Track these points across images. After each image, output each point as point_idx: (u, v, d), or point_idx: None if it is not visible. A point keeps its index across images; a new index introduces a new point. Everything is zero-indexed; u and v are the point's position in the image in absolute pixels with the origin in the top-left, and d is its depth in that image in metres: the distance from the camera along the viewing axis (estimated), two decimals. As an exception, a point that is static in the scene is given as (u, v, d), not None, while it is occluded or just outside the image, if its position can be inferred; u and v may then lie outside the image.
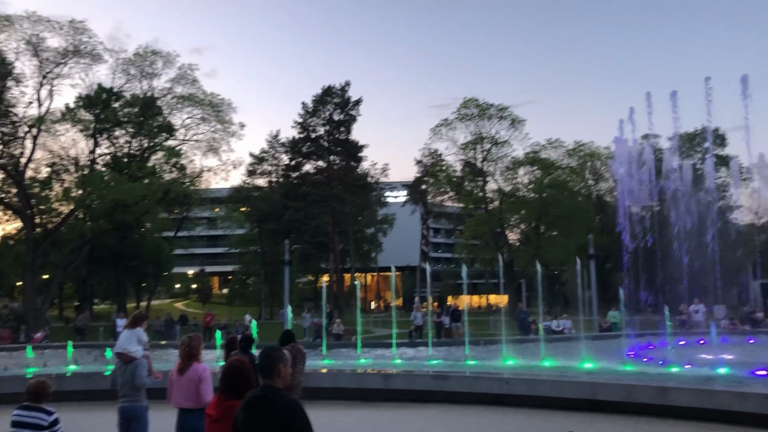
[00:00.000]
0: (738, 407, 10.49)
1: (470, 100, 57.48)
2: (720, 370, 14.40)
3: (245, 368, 4.93)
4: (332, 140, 62.85)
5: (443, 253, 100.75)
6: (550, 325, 29.30)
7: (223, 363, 8.01)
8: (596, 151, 73.76)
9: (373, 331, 39.09)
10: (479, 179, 59.63)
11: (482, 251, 64.13)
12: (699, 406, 10.84)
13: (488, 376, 14.09)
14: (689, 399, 11.00)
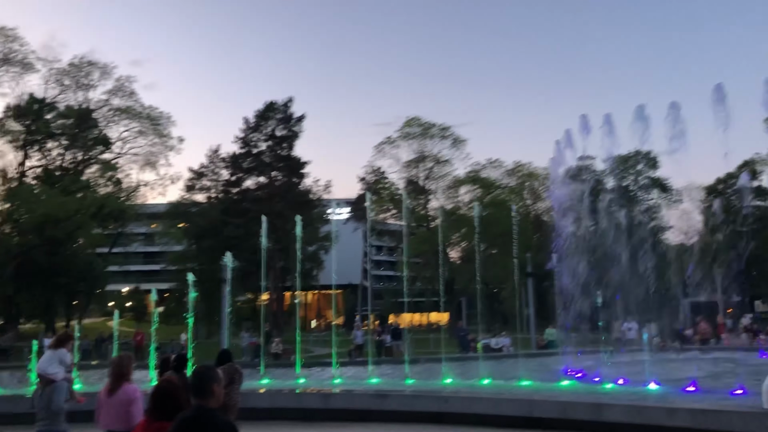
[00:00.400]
0: (667, 422, 10.78)
1: (413, 119, 58.14)
2: (651, 387, 14.80)
3: (174, 389, 4.74)
4: (274, 156, 62.31)
5: (385, 271, 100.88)
6: (489, 342, 29.58)
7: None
8: (534, 171, 75.61)
9: (313, 350, 38.65)
10: (422, 197, 60.13)
11: (424, 269, 64.52)
12: (631, 421, 11.08)
13: (427, 394, 14.08)
14: (622, 415, 11.24)
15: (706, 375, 18.09)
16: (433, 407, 13.17)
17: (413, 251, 60.56)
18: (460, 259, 64.91)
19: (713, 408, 11.33)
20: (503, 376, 18.79)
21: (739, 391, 13.81)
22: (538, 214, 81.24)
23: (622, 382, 15.94)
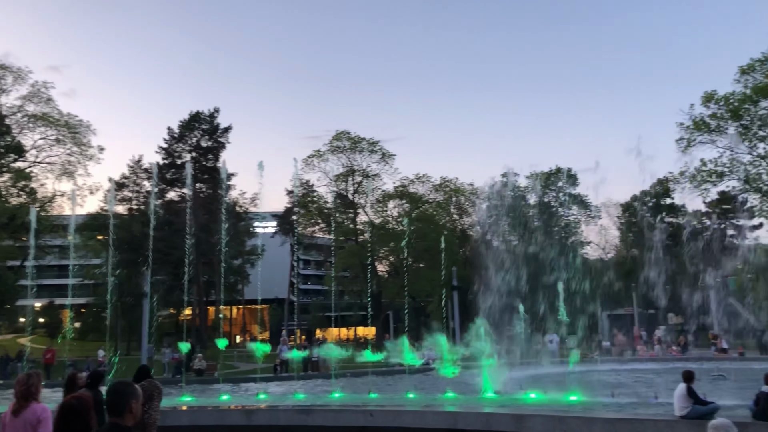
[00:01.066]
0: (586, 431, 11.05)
1: (342, 133, 58.17)
2: (572, 398, 15.20)
3: (81, 407, 4.49)
4: (199, 167, 61.01)
5: (313, 285, 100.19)
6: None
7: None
8: (461, 187, 77.03)
9: (237, 365, 37.86)
10: (350, 211, 60.16)
11: (351, 283, 64.45)
12: (552, 431, 11.30)
13: (352, 408, 13.97)
14: (543, 425, 11.45)
15: (622, 385, 18.75)
16: (359, 421, 13.09)
17: (341, 265, 60.47)
18: (387, 273, 65.18)
19: (629, 417, 11.72)
20: (429, 389, 18.92)
21: (654, 399, 14.39)
22: (464, 228, 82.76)
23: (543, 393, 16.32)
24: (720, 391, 15.79)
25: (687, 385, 11.11)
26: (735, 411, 11.80)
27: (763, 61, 41.12)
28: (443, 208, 71.24)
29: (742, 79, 41.95)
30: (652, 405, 13.89)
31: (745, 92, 41.56)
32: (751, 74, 41.67)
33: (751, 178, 43.02)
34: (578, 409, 13.35)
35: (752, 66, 41.56)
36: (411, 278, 59.79)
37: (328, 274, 71.02)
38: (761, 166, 42.45)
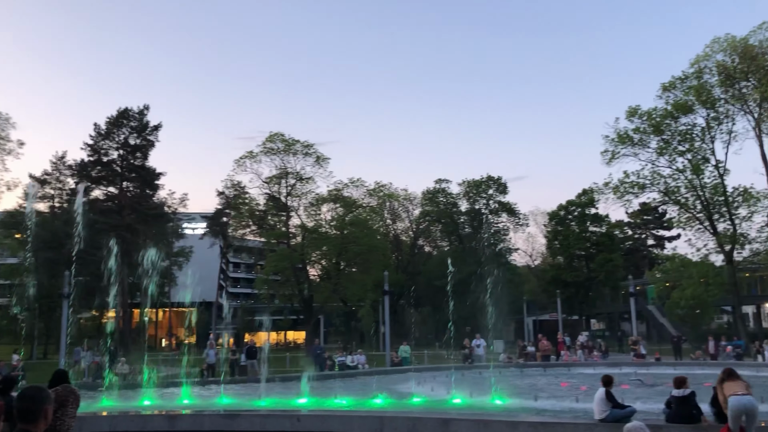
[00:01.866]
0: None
1: (276, 135, 57.52)
2: (497, 401, 15.52)
3: (-10, 414, 4.26)
4: (126, 166, 59.17)
5: (242, 289, 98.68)
6: (344, 360, 29.65)
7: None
8: (394, 192, 77.55)
9: (162, 370, 36.83)
10: (283, 214, 59.52)
11: (283, 287, 63.73)
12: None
13: (280, 413, 13.83)
14: (468, 429, 11.64)
15: (545, 389, 19.25)
16: (286, 426, 12.96)
17: (272, 268, 59.76)
18: (319, 277, 64.83)
19: (551, 421, 12.05)
20: (358, 393, 18.93)
21: (575, 403, 14.84)
22: (397, 233, 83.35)
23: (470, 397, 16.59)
24: (637, 395, 16.43)
25: (606, 389, 11.51)
26: (650, 414, 12.31)
27: (683, 79, 43.12)
28: (377, 212, 71.51)
29: (664, 96, 43.88)
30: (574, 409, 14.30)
31: (666, 108, 43.45)
32: (673, 91, 43.63)
33: (671, 190, 44.92)
34: (502, 413, 13.64)
35: (673, 83, 43.51)
36: (343, 282, 59.72)
37: (258, 277, 70.09)
38: (680, 179, 44.42)
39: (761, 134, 40.97)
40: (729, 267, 44.27)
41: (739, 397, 10.13)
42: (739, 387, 10.35)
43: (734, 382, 10.52)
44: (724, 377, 10.79)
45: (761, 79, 39.06)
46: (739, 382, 10.55)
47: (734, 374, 10.83)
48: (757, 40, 39.51)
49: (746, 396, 10.16)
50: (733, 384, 10.47)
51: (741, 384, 10.48)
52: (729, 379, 10.68)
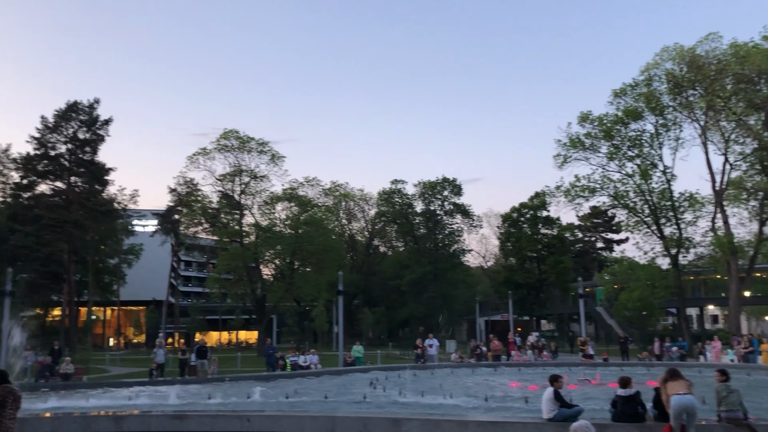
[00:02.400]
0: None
1: (230, 132, 56.77)
2: (448, 401, 15.63)
3: None
4: (75, 160, 57.53)
5: (194, 287, 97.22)
6: (297, 360, 29.44)
7: None
8: (350, 192, 77.44)
9: (109, 370, 36.02)
10: (236, 212, 58.78)
11: (235, 286, 62.97)
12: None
13: (229, 414, 13.64)
14: (419, 429, 11.67)
15: (496, 389, 19.46)
16: (235, 427, 12.79)
17: (224, 267, 59.01)
18: (273, 277, 64.25)
19: (500, 420, 12.17)
20: (310, 393, 18.81)
21: (524, 403, 15.03)
22: (352, 233, 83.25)
23: (421, 396, 16.67)
24: (585, 395, 16.75)
25: (554, 389, 11.69)
26: (597, 413, 12.55)
27: (633, 86, 44.18)
28: (332, 212, 71.28)
29: (615, 102, 44.88)
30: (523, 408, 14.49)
31: (617, 114, 44.45)
32: (623, 98, 44.65)
33: (620, 194, 45.95)
34: (453, 412, 13.73)
35: (624, 90, 44.54)
36: (297, 282, 59.30)
37: (210, 276, 69.12)
38: (629, 184, 45.48)
39: (707, 141, 42.27)
40: (674, 270, 45.55)
41: (680, 397, 10.43)
42: (681, 387, 10.65)
43: (676, 382, 10.82)
44: (667, 377, 11.09)
45: (707, 88, 40.28)
46: (681, 381, 10.85)
47: (677, 374, 11.14)
48: (703, 50, 40.73)
49: (687, 395, 10.46)
50: (676, 384, 10.76)
51: (683, 384, 10.78)
52: (672, 379, 10.98)
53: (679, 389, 10.58)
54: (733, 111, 39.74)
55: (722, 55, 39.89)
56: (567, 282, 67.07)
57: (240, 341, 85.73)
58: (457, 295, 71.90)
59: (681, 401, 10.37)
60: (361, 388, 20.10)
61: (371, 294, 76.77)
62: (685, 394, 10.49)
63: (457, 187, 76.53)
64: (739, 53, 38.52)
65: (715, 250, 43.29)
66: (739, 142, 41.59)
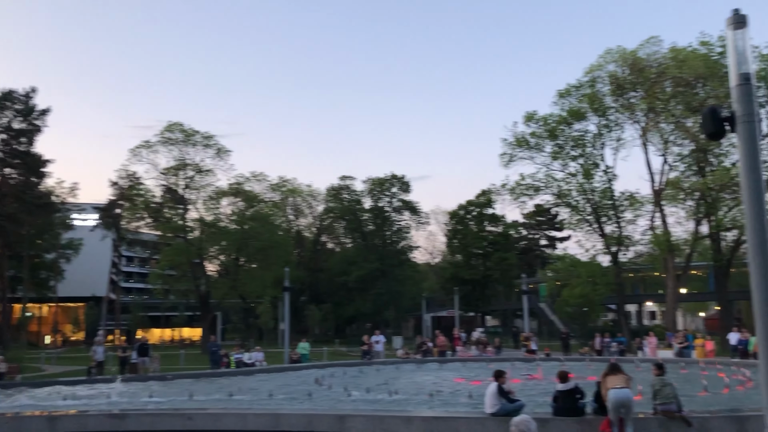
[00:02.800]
0: (404, 430, 11.42)
1: (175, 125, 55.59)
2: (393, 397, 15.67)
3: None
4: (9, 151, 55.32)
5: (135, 284, 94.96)
6: (241, 357, 29.07)
7: None
8: (298, 188, 76.89)
9: (45, 368, 34.84)
10: (180, 207, 57.64)
11: (178, 282, 61.76)
12: (373, 430, 11.55)
13: (171, 412, 13.35)
14: (364, 425, 11.66)
15: (440, 384, 19.62)
16: (177, 425, 12.55)
17: (168, 263, 57.80)
18: (218, 273, 63.25)
19: (445, 415, 12.29)
20: (254, 391, 18.60)
21: (468, 398, 15.18)
22: (300, 229, 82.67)
23: (366, 392, 16.66)
24: (527, 390, 17.04)
25: (498, 384, 11.84)
26: (538, 408, 12.78)
27: (577, 87, 45.17)
28: (279, 208, 70.62)
29: (560, 102, 45.80)
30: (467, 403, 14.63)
31: (561, 114, 45.38)
32: (567, 98, 45.59)
33: (563, 193, 46.94)
34: (397, 408, 13.76)
35: (568, 91, 45.49)
36: (242, 278, 58.54)
37: (153, 272, 67.53)
38: (572, 183, 46.50)
39: (647, 142, 43.55)
40: (614, 267, 46.84)
41: (617, 390, 10.73)
42: (619, 381, 10.94)
43: (616, 376, 11.12)
44: (607, 372, 11.39)
45: (648, 90, 41.47)
46: (620, 375, 11.16)
47: (617, 369, 11.44)
48: (645, 53, 41.90)
49: (624, 389, 10.76)
50: (615, 378, 11.06)
51: (621, 378, 11.08)
52: (611, 373, 11.28)
53: (617, 383, 10.87)
54: (672, 113, 41.03)
55: (662, 58, 41.13)
56: (511, 278, 68.23)
57: (183, 338, 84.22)
58: (404, 291, 72.27)
59: (618, 395, 10.67)
60: (306, 385, 19.99)
61: (318, 290, 76.38)
62: (622, 388, 10.78)
63: (405, 184, 76.89)
64: (678, 57, 39.78)
65: (654, 248, 44.67)
66: (677, 144, 43.00)
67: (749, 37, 5.91)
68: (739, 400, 14.60)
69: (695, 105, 38.63)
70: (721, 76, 36.07)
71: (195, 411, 13.29)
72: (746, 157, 5.45)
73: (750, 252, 5.27)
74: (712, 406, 13.22)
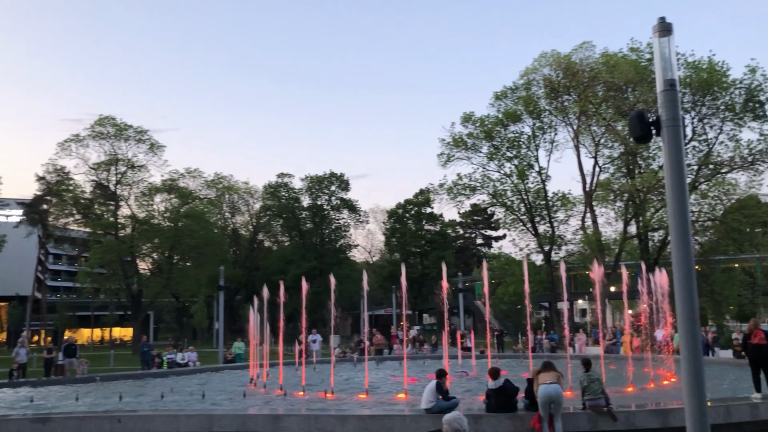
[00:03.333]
0: (340, 429, 11.38)
1: (107, 118, 53.93)
2: (328, 395, 15.61)
3: None
4: (-73, 143, 52.60)
5: (63, 282, 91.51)
6: (174, 357, 28.44)
7: None
8: (234, 184, 75.66)
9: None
10: (111, 203, 55.89)
11: (109, 280, 59.86)
12: (308, 430, 11.46)
13: (98, 415, 12.91)
14: (299, 425, 11.57)
15: (378, 382, 19.65)
16: (105, 428, 12.14)
17: (98, 261, 55.98)
18: (150, 271, 61.64)
19: (380, 414, 12.30)
20: (186, 391, 18.21)
21: (404, 396, 15.25)
22: (236, 227, 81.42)
23: (302, 393, 16.54)
24: (462, 387, 17.26)
25: (437, 381, 11.95)
26: (473, 405, 12.95)
27: (513, 89, 46.02)
28: (215, 205, 69.38)
29: (496, 104, 46.56)
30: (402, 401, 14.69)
31: (497, 116, 46.14)
32: (504, 100, 46.40)
33: (498, 193, 47.78)
34: (333, 407, 13.71)
35: (505, 93, 46.30)
36: (176, 277, 57.23)
37: (82, 270, 65.24)
38: (507, 183, 47.38)
39: (579, 145, 44.76)
40: (547, 266, 47.99)
41: (546, 386, 10.99)
42: (550, 377, 11.21)
43: (547, 373, 11.39)
44: (540, 369, 11.65)
45: (580, 94, 42.61)
46: (552, 372, 11.43)
47: (549, 366, 11.72)
48: (578, 57, 43.03)
49: (553, 385, 11.03)
50: (546, 374, 11.32)
51: (553, 374, 11.35)
52: (544, 370, 11.55)
53: (548, 379, 11.13)
54: (603, 117, 42.27)
55: (594, 63, 42.33)
56: (448, 277, 69.02)
57: (114, 339, 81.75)
58: (342, 290, 72.13)
59: (547, 390, 10.93)
60: (241, 385, 19.71)
61: (254, 289, 75.50)
62: (551, 383, 11.05)
63: (344, 183, 76.76)
64: (609, 62, 41.01)
65: (585, 248, 45.96)
66: (608, 146, 44.35)
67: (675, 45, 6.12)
68: (664, 395, 15.17)
69: (625, 109, 39.91)
70: (649, 81, 37.35)
71: (124, 413, 12.91)
72: (670, 160, 5.62)
73: (673, 251, 5.45)
74: (637, 400, 13.70)
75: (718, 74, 38.21)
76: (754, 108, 38.75)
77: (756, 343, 13.47)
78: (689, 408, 5.06)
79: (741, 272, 51.77)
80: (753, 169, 39.36)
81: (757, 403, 12.60)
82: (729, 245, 42.05)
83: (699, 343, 5.32)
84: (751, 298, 49.90)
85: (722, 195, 39.97)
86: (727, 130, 39.89)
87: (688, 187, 5.90)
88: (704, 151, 40.53)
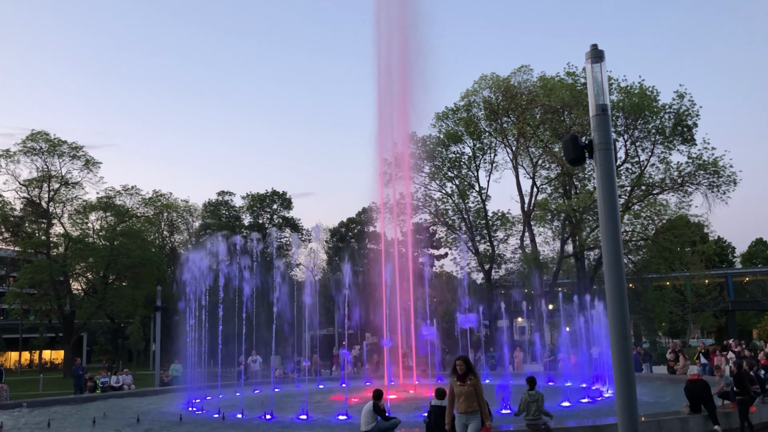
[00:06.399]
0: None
1: (39, 134, 52.14)
2: (267, 417, 15.35)
3: None
4: None
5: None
6: (108, 381, 27.50)
7: None
8: (173, 202, 74.08)
9: None
10: (43, 221, 53.89)
11: (39, 301, 57.44)
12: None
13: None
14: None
15: (318, 403, 19.45)
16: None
17: (27, 281, 53.74)
18: (83, 291, 59.50)
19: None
20: (120, 416, 17.62)
21: (344, 416, 15.14)
22: (175, 246, 79.58)
23: (241, 416, 16.22)
24: (402, 407, 17.24)
25: (374, 402, 11.90)
26: (417, 425, 12.94)
27: (455, 110, 46.80)
28: (153, 223, 67.68)
29: (438, 125, 47.23)
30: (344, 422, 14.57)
31: (439, 136, 46.80)
32: (445, 121, 47.12)
33: (440, 212, 48.35)
34: (273, 428, 13.50)
35: (446, 114, 47.03)
36: (111, 297, 55.41)
37: (10, 290, 62.47)
38: (448, 202, 48.01)
39: (517, 165, 45.76)
40: (487, 284, 48.67)
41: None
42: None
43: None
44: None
45: (519, 116, 43.66)
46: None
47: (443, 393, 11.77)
48: (516, 81, 44.14)
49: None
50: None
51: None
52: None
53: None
54: (540, 138, 43.38)
55: (532, 86, 43.50)
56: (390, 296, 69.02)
57: (44, 362, 78.38)
58: (284, 309, 71.33)
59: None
60: (178, 408, 19.21)
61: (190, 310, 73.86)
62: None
63: (287, 201, 76.14)
64: (546, 86, 42.23)
65: (523, 266, 46.86)
66: (546, 168, 45.51)
67: (608, 70, 6.34)
68: (599, 410, 15.53)
69: (562, 131, 41.06)
70: (584, 105, 38.58)
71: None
72: (603, 181, 5.81)
73: (606, 269, 5.60)
74: (574, 416, 13.96)
75: (649, 99, 39.79)
76: (682, 132, 40.46)
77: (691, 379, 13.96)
78: (622, 423, 5.19)
79: (672, 290, 53.67)
80: (682, 191, 40.94)
81: (687, 417, 13.02)
82: (660, 264, 43.53)
83: (631, 359, 5.49)
84: (681, 314, 51.72)
85: (654, 215, 41.38)
86: (658, 152, 41.49)
87: (622, 208, 6.09)
88: (637, 172, 42.00)
